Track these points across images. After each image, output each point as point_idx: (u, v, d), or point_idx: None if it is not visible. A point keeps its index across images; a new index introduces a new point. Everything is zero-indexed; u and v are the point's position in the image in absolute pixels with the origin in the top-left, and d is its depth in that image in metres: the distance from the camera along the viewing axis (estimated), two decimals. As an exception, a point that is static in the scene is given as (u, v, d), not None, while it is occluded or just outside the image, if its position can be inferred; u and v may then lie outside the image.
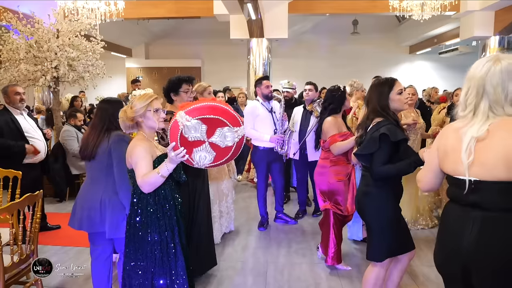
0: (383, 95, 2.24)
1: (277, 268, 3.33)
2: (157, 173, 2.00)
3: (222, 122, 1.99)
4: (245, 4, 7.56)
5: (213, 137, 1.99)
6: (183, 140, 1.95)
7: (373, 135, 2.15)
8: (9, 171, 3.00)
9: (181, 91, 3.02)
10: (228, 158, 2.08)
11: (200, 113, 1.95)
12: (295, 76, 12.74)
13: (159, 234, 2.10)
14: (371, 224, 2.31)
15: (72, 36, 5.14)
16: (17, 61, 4.86)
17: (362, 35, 13.53)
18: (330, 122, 3.20)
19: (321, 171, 3.30)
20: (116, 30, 11.32)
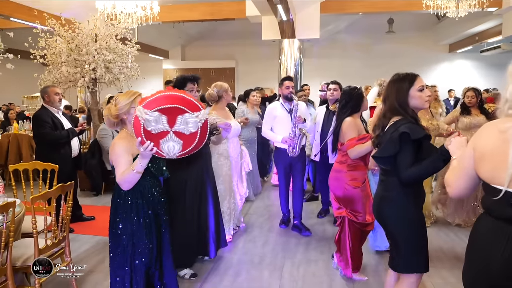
0: (402, 91, 2.07)
1: (293, 264, 3.41)
2: (132, 170, 2.05)
3: (181, 110, 1.96)
4: (276, 5, 7.62)
5: (175, 126, 1.97)
6: (147, 133, 1.96)
7: (392, 136, 1.98)
8: (47, 164, 3.28)
9: (186, 90, 3.02)
10: (196, 144, 2.06)
11: (157, 104, 1.93)
12: (328, 77, 12.60)
13: (134, 230, 2.17)
14: (396, 233, 2.12)
15: (108, 39, 5.47)
16: (59, 64, 5.25)
17: (398, 33, 13.21)
18: (349, 122, 3.01)
19: (336, 175, 3.09)
20: (153, 33, 11.77)
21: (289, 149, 3.91)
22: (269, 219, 4.62)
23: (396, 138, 1.96)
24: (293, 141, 3.90)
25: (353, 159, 2.95)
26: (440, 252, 3.68)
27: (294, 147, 3.90)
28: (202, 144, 2.08)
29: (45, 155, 3.74)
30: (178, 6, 9.92)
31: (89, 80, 5.39)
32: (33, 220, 2.31)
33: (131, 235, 2.17)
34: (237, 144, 4.08)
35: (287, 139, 3.91)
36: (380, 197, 2.17)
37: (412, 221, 2.06)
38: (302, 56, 9.92)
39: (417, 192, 2.10)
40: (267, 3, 7.59)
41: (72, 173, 4.21)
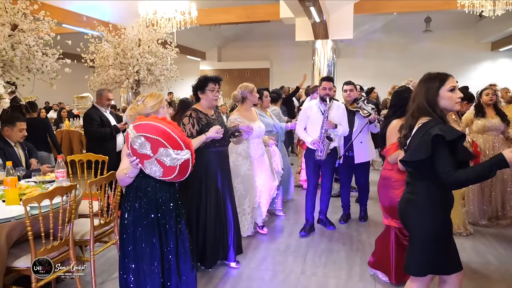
0: (432, 91, 1.97)
1: (316, 252, 3.65)
2: (125, 173, 2.20)
3: (162, 143, 2.02)
4: (309, 7, 7.81)
5: (157, 154, 2.05)
6: (133, 150, 2.08)
7: (424, 138, 1.87)
8: (99, 156, 3.74)
9: (207, 90, 3.10)
10: (175, 176, 2.13)
11: (144, 130, 2.02)
12: (363, 77, 12.66)
13: (136, 226, 2.26)
14: (412, 234, 2.09)
15: (151, 44, 5.94)
16: (106, 67, 5.78)
17: (436, 32, 12.94)
18: (393, 126, 2.78)
19: (384, 183, 2.90)
20: (191, 35, 12.27)
21: (317, 153, 3.87)
22: (297, 213, 4.85)
23: (429, 141, 1.84)
24: (319, 145, 3.82)
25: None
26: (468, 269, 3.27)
27: (321, 151, 3.83)
28: (183, 178, 2.16)
29: (94, 149, 4.20)
30: (215, 9, 10.33)
31: (133, 82, 5.89)
32: (90, 200, 2.72)
33: (133, 225, 2.26)
34: (258, 144, 3.92)
35: (315, 141, 3.84)
36: (405, 198, 2.12)
37: (431, 226, 1.98)
38: (336, 56, 9.98)
39: (444, 196, 2.00)
40: (300, 5, 7.78)
41: (117, 165, 4.67)
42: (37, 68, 4.13)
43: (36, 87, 4.39)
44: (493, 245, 3.82)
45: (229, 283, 3.10)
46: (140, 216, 2.26)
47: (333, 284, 3.09)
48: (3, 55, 3.77)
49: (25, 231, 2.33)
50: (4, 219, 2.34)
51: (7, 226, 2.31)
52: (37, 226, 2.35)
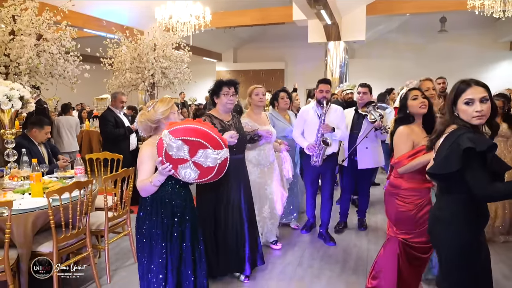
0: (450, 101, 1.87)
1: (315, 247, 3.87)
2: (150, 181, 2.12)
3: (203, 145, 2.02)
4: (319, 10, 7.95)
5: (195, 157, 2.04)
6: (168, 156, 2.02)
7: (452, 149, 1.74)
8: (114, 155, 4.07)
9: (221, 94, 3.00)
10: (212, 176, 2.12)
11: (183, 134, 2.00)
12: (378, 77, 12.67)
13: (152, 235, 2.21)
14: (439, 254, 1.97)
15: (165, 48, 6.25)
16: (124, 71, 6.13)
17: (453, 32, 12.80)
18: (400, 133, 2.55)
19: (391, 191, 2.63)
20: (207, 37, 12.54)
21: (312, 158, 3.71)
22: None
23: (458, 153, 1.70)
24: (315, 150, 3.66)
25: (412, 174, 2.49)
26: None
27: (317, 157, 3.68)
28: (218, 177, 2.16)
29: (109, 148, 4.53)
30: (229, 13, 10.58)
31: (148, 84, 6.22)
32: (105, 195, 3.02)
33: (149, 235, 2.22)
34: (269, 150, 3.65)
35: (311, 146, 3.69)
36: (433, 216, 1.98)
37: (462, 242, 1.81)
38: (351, 57, 10.03)
39: (474, 212, 1.82)
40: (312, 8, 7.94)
41: (131, 163, 4.99)
42: (59, 74, 4.50)
43: (59, 89, 4.76)
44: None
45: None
46: (157, 227, 2.21)
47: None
48: (29, 62, 4.15)
49: (47, 220, 2.64)
50: (30, 209, 2.66)
51: (32, 215, 2.63)
52: (58, 216, 2.66)
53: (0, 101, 3.15)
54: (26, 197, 2.90)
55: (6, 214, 2.42)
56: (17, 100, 3.24)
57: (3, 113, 3.26)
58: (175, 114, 2.31)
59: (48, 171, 3.60)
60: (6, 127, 3.34)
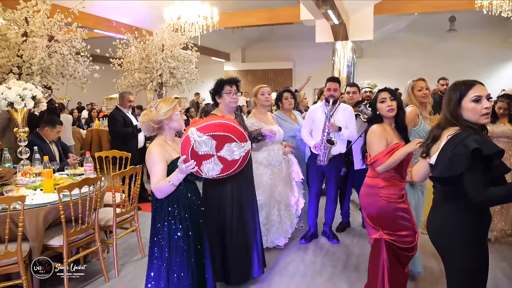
0: (453, 102, 1.81)
1: (317, 245, 3.92)
2: (168, 181, 2.12)
3: (231, 139, 2.11)
4: (326, 10, 7.98)
5: (221, 151, 2.12)
6: (193, 153, 2.06)
7: (456, 151, 1.70)
8: (122, 153, 4.18)
9: (223, 93, 2.95)
10: (234, 170, 2.21)
11: (210, 130, 2.06)
12: (387, 77, 12.65)
13: (172, 235, 2.20)
14: (446, 266, 1.89)
15: (173, 49, 6.36)
16: (132, 71, 6.25)
17: (462, 31, 12.71)
18: (373, 132, 2.59)
19: (369, 191, 2.61)
20: (216, 37, 12.61)
21: (318, 158, 3.65)
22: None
23: (465, 155, 1.66)
24: (320, 149, 3.60)
25: (388, 173, 2.52)
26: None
27: (323, 156, 3.61)
28: (238, 170, 2.24)
29: (118, 147, 4.66)
30: (237, 13, 10.65)
31: (156, 84, 6.33)
32: (113, 191, 3.13)
33: (168, 241, 2.21)
34: (278, 151, 3.66)
35: (317, 145, 3.63)
36: (439, 225, 1.90)
37: (470, 255, 1.78)
38: (359, 56, 10.02)
39: (479, 218, 1.80)
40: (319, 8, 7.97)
41: (139, 161, 5.11)
42: (70, 74, 4.63)
43: (69, 88, 4.89)
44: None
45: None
46: (176, 227, 2.22)
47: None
48: (41, 63, 4.28)
49: (58, 215, 2.76)
50: (41, 204, 2.77)
51: (44, 210, 2.74)
52: (68, 211, 2.77)
53: (14, 100, 3.27)
54: (38, 193, 3.01)
55: (19, 208, 2.53)
56: (30, 100, 3.37)
57: (16, 112, 3.39)
58: (178, 115, 2.30)
59: (59, 168, 3.72)
60: (19, 126, 3.46)
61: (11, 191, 2.90)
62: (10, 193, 2.83)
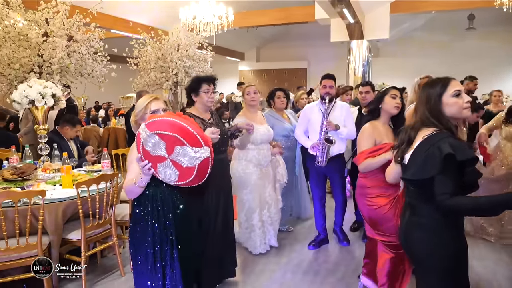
0: (433, 98, 1.74)
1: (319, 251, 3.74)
2: (133, 182, 1.94)
3: (179, 141, 1.79)
4: (342, 9, 7.95)
5: (173, 154, 1.81)
6: (145, 153, 1.84)
7: (429, 153, 1.64)
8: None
9: (201, 92, 2.80)
10: (192, 179, 1.87)
11: (158, 128, 1.79)
12: (403, 76, 12.44)
13: (149, 239, 2.03)
14: (420, 265, 1.81)
15: (188, 48, 6.44)
16: (149, 70, 6.35)
17: (481, 29, 12.46)
18: (363, 131, 2.60)
19: (359, 191, 2.63)
20: (231, 37, 12.68)
21: (317, 159, 3.46)
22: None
23: (437, 158, 1.61)
24: (318, 149, 3.42)
25: (374, 173, 2.49)
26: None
27: (321, 157, 3.43)
28: (201, 181, 1.91)
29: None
30: (252, 12, 10.68)
31: (172, 83, 6.43)
32: (128, 188, 3.19)
33: (152, 241, 2.04)
34: (268, 150, 3.59)
35: (315, 145, 3.46)
36: (407, 222, 1.83)
37: (446, 252, 1.70)
38: (375, 56, 9.93)
39: (459, 221, 1.74)
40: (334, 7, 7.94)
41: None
42: (88, 73, 4.74)
43: (87, 88, 5.01)
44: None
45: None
46: (158, 234, 2.04)
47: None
48: (61, 62, 4.40)
49: (76, 210, 2.83)
50: (60, 199, 2.86)
51: (63, 205, 2.82)
52: (86, 206, 2.84)
53: (35, 98, 3.37)
54: (57, 188, 3.10)
55: (40, 202, 2.61)
56: (50, 98, 3.47)
57: (36, 110, 3.49)
58: (157, 114, 2.05)
59: (77, 165, 3.82)
60: (39, 123, 3.57)
61: (32, 186, 3.00)
62: (31, 188, 2.93)
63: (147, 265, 2.04)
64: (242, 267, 3.38)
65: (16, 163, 3.45)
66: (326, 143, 3.36)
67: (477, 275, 3.26)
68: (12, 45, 4.33)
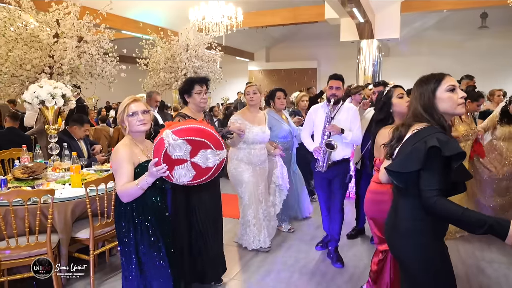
0: (427, 94, 1.69)
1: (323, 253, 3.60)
2: (136, 185, 2.00)
3: (207, 145, 2.01)
4: (351, 9, 7.90)
5: (196, 157, 2.01)
6: (166, 157, 1.95)
7: (416, 147, 1.59)
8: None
9: (193, 93, 2.84)
10: (206, 178, 2.10)
11: (186, 134, 1.96)
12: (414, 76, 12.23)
13: (139, 243, 2.10)
14: (404, 268, 1.78)
15: (197, 48, 6.47)
16: (158, 70, 6.40)
17: (494, 28, 12.29)
18: (384, 135, 2.33)
19: (376, 198, 2.43)
20: (240, 37, 12.73)
21: (318, 163, 3.31)
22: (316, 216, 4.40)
23: (422, 151, 1.55)
24: (319, 154, 3.27)
25: None
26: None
27: (322, 161, 3.27)
28: (211, 179, 2.13)
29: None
30: (261, 12, 10.69)
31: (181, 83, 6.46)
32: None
33: (136, 247, 2.11)
34: (260, 150, 3.58)
35: (316, 149, 3.30)
36: (391, 223, 1.78)
37: (427, 254, 1.66)
38: (386, 55, 9.85)
39: (433, 218, 1.63)
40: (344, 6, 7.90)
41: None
42: (98, 74, 4.79)
43: (98, 88, 5.06)
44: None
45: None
46: (146, 236, 2.12)
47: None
48: (71, 63, 4.46)
49: (85, 209, 2.86)
50: (69, 198, 2.89)
51: (72, 204, 2.86)
52: (94, 205, 2.87)
53: (45, 99, 3.42)
54: (66, 187, 3.14)
55: (49, 201, 2.65)
56: (60, 98, 3.51)
57: (47, 110, 3.54)
58: (135, 117, 2.13)
59: (86, 164, 3.86)
60: (50, 123, 3.61)
61: (41, 185, 3.05)
62: (40, 187, 2.97)
63: (131, 265, 2.12)
64: (240, 265, 3.44)
65: (27, 162, 3.50)
66: (327, 148, 3.20)
67: (488, 278, 3.22)
68: (24, 46, 4.40)
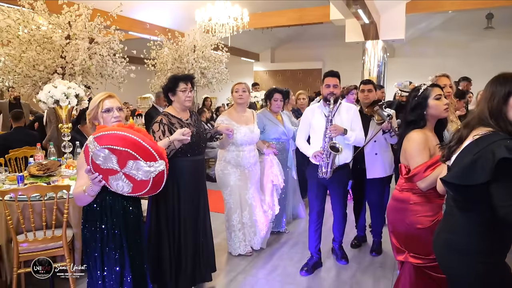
0: (497, 97, 1.50)
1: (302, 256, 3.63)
2: (83, 191, 1.85)
3: (132, 156, 1.73)
4: (356, 10, 7.96)
5: (126, 168, 1.76)
6: (95, 166, 1.77)
7: (482, 156, 1.40)
8: (156, 149, 4.41)
9: (178, 90, 2.73)
10: (148, 191, 1.86)
11: (109, 142, 1.71)
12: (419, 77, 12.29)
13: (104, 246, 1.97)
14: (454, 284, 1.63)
15: (204, 49, 6.58)
16: (165, 71, 6.52)
17: (500, 28, 12.26)
18: (414, 140, 2.13)
19: (398, 206, 2.24)
20: (245, 38, 12.75)
21: (320, 169, 3.04)
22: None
23: (490, 162, 1.37)
24: (322, 158, 2.99)
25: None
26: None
27: (325, 167, 3.00)
28: (157, 191, 1.89)
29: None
30: (266, 13, 10.74)
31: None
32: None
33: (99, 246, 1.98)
34: (250, 152, 3.48)
35: (317, 154, 3.02)
36: (443, 239, 1.62)
37: (491, 285, 1.49)
38: (391, 56, 9.89)
39: (498, 238, 1.48)
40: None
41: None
42: (108, 74, 4.92)
43: (107, 89, 5.18)
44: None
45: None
46: (107, 240, 1.97)
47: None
48: (83, 64, 4.59)
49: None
50: (83, 194, 2.99)
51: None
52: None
53: (59, 98, 3.54)
54: (80, 184, 3.24)
55: (65, 197, 2.76)
56: (73, 98, 3.63)
57: (61, 109, 3.66)
58: (110, 113, 2.03)
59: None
60: (63, 122, 3.74)
61: (56, 182, 3.16)
62: (56, 183, 3.09)
63: (96, 271, 1.99)
64: (224, 270, 3.39)
65: (41, 160, 3.62)
66: (332, 151, 2.94)
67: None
68: (37, 48, 4.53)
